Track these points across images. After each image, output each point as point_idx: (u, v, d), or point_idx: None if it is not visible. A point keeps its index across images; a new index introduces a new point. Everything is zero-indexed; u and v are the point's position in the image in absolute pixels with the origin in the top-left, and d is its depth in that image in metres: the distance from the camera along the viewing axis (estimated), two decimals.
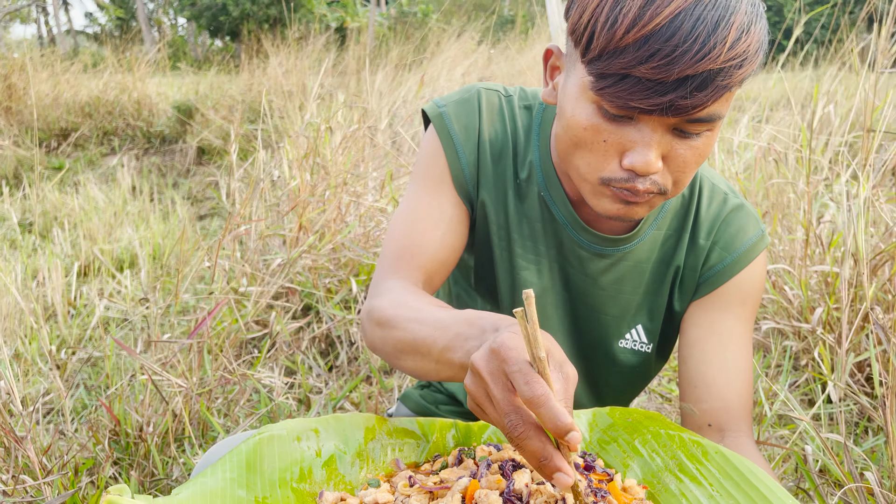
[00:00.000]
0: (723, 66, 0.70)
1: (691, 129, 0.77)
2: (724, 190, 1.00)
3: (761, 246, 0.98)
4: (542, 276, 1.01)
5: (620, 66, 0.71)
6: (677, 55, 0.68)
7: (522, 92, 1.02)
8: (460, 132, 0.97)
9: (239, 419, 1.76)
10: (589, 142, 0.80)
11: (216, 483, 0.76)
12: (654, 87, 0.71)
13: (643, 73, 0.70)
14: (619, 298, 1.01)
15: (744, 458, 0.80)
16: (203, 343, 1.64)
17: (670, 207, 0.99)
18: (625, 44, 0.70)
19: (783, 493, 0.75)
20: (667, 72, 0.69)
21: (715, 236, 0.98)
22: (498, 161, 0.99)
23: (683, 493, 0.80)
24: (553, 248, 1.00)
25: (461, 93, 1.01)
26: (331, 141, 2.63)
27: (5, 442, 1.37)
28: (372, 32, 10.16)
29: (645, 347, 1.03)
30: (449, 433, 0.92)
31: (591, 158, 0.81)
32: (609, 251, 0.98)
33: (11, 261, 3.10)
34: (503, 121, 0.99)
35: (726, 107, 0.78)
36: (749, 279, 0.98)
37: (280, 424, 0.85)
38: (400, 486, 0.81)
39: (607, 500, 0.76)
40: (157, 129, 6.48)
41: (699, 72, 0.69)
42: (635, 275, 1.00)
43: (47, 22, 27.38)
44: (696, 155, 0.80)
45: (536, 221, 0.99)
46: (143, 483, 1.55)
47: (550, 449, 0.61)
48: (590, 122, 0.78)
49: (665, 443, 0.86)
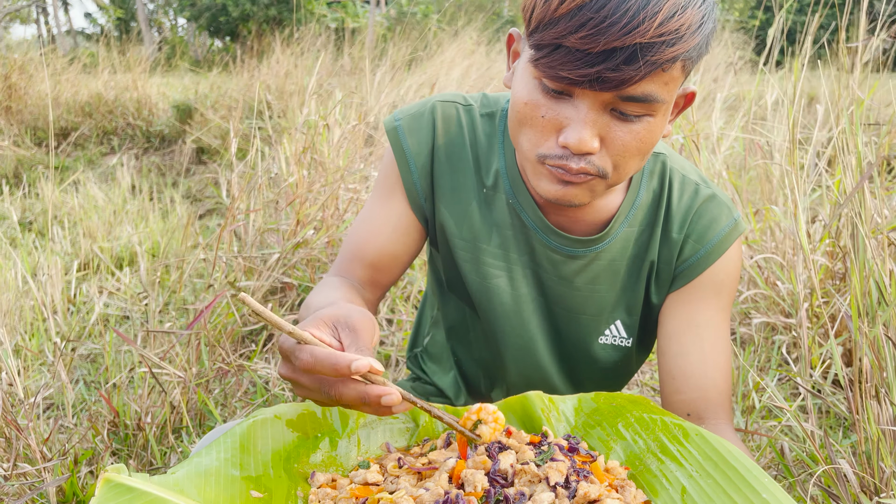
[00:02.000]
0: (652, 41, 0.70)
1: (628, 110, 0.77)
2: (695, 180, 0.99)
3: (734, 235, 0.98)
4: (515, 283, 1.01)
5: (553, 37, 0.72)
6: (605, 26, 0.69)
7: (484, 99, 1.02)
8: (413, 146, 0.99)
9: (236, 410, 1.79)
10: (528, 117, 0.80)
11: (210, 463, 0.78)
12: (582, 58, 0.71)
13: (573, 42, 0.71)
14: (596, 297, 1.01)
15: (723, 440, 0.83)
16: (201, 335, 1.67)
17: (641, 203, 0.99)
18: (559, 14, 0.71)
19: (760, 473, 0.77)
20: (594, 42, 0.69)
21: (688, 229, 0.98)
22: (457, 173, 0.99)
23: (664, 474, 0.82)
24: (525, 255, 1.00)
25: (418, 106, 1.02)
26: (329, 138, 2.65)
27: (6, 432, 1.40)
28: (372, 32, 10.19)
29: (625, 342, 1.04)
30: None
31: (531, 134, 0.82)
32: (582, 252, 0.98)
33: (12, 258, 3.12)
34: (461, 132, 0.99)
35: (666, 90, 0.76)
36: (723, 269, 0.98)
37: (273, 408, 0.87)
38: (389, 467, 0.84)
39: (590, 480, 0.78)
40: (156, 128, 6.50)
41: (627, 44, 0.69)
42: (610, 273, 1.00)
43: (47, 22, 27.42)
44: (637, 140, 0.79)
45: (507, 229, 0.99)
46: (141, 472, 1.58)
47: (362, 387, 0.68)
48: (530, 98, 0.79)
49: (648, 426, 0.88)
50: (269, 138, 3.80)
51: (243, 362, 1.84)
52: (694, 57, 0.76)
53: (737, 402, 1.77)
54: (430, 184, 1.00)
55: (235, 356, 1.92)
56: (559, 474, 0.77)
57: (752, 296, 2.30)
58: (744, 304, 2.33)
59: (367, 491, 0.79)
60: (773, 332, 2.12)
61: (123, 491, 0.70)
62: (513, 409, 0.93)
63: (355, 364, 0.64)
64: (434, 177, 1.00)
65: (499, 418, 0.81)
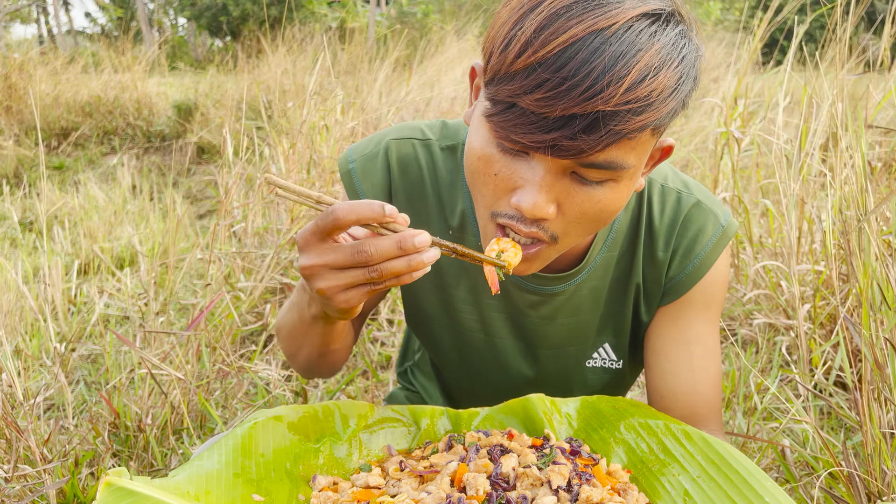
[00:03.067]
0: (617, 109, 0.61)
1: (590, 176, 0.69)
2: (676, 189, 0.92)
3: (723, 244, 0.91)
4: (490, 329, 0.95)
5: (507, 94, 0.64)
6: (564, 89, 0.60)
7: (444, 129, 0.94)
8: (368, 191, 0.92)
9: (237, 411, 1.78)
10: (481, 173, 0.73)
11: (212, 465, 0.78)
12: (537, 122, 0.63)
13: (528, 104, 0.63)
14: (580, 327, 0.96)
15: (726, 443, 0.83)
16: (200, 336, 1.66)
17: (619, 227, 0.92)
18: (514, 69, 0.63)
19: (762, 476, 0.77)
20: (551, 106, 0.61)
21: (674, 245, 0.91)
22: (420, 215, 0.92)
23: (667, 477, 0.82)
24: (499, 299, 0.93)
25: (373, 145, 0.94)
26: (328, 138, 2.65)
27: (7, 433, 1.39)
28: (372, 32, 10.18)
29: (615, 364, 0.99)
30: (439, 420, 0.94)
31: (483, 190, 0.74)
32: (561, 288, 0.92)
33: (12, 259, 3.12)
34: (420, 172, 0.92)
35: (634, 155, 0.68)
36: (712, 281, 0.92)
37: (274, 410, 0.87)
38: (391, 470, 0.84)
39: (592, 484, 0.78)
40: (156, 128, 6.50)
41: (587, 111, 0.61)
42: (591, 300, 0.94)
43: (48, 22, 27.41)
44: (597, 207, 0.71)
45: (478, 274, 0.92)
46: (141, 473, 1.57)
47: (396, 236, 0.64)
48: (483, 152, 0.72)
49: (650, 429, 0.88)
50: (268, 138, 3.80)
51: (244, 363, 1.83)
52: (667, 122, 0.68)
53: (738, 404, 1.77)
54: None
55: (235, 356, 1.92)
56: (561, 478, 0.77)
57: (754, 297, 2.30)
58: (746, 304, 2.33)
59: (369, 494, 0.79)
60: (776, 333, 2.12)
61: (125, 494, 0.69)
62: (514, 412, 0.93)
63: (388, 207, 0.62)
64: None
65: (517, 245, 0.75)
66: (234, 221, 2.50)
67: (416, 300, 0.99)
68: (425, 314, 0.98)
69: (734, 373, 1.93)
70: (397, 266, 0.64)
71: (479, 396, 1.05)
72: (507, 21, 0.66)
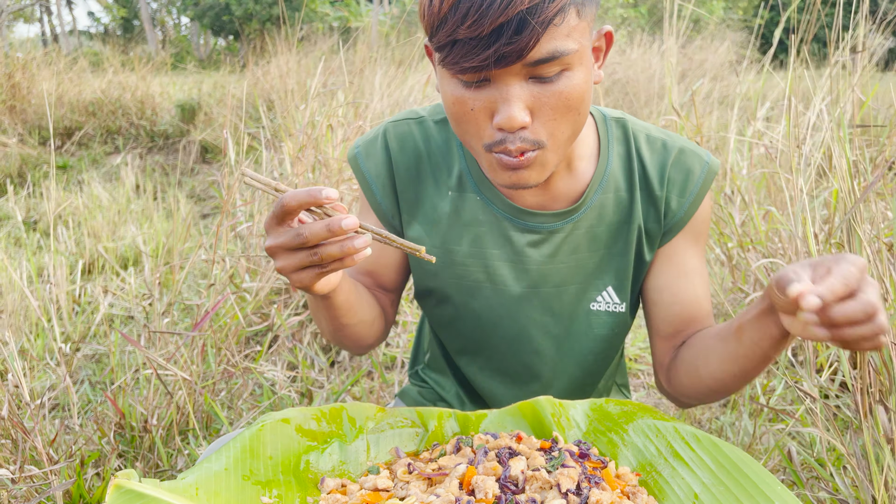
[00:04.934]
0: (532, 4, 0.73)
1: (543, 72, 0.79)
2: (659, 137, 1.02)
3: (710, 179, 1.01)
4: (494, 277, 1.02)
5: (447, 35, 0.76)
6: (484, 7, 0.72)
7: (436, 107, 1.06)
8: (371, 169, 1.04)
9: (242, 412, 1.78)
10: (461, 113, 0.83)
11: (220, 468, 0.78)
12: (477, 44, 0.75)
13: (464, 34, 0.74)
14: (579, 266, 1.03)
15: (735, 447, 0.82)
16: (206, 336, 1.66)
17: (612, 169, 1.01)
18: (443, 14, 0.75)
19: (772, 480, 0.77)
20: (481, 26, 0.73)
21: (668, 183, 1.01)
22: (420, 184, 1.03)
23: (676, 480, 0.82)
24: (502, 247, 1.01)
25: (373, 132, 1.06)
26: (332, 138, 2.65)
27: (13, 434, 1.40)
28: (375, 32, 10.18)
29: (618, 307, 1.06)
30: (447, 422, 0.94)
31: (469, 128, 0.84)
32: (560, 225, 1.00)
33: (17, 258, 3.13)
34: (416, 145, 1.03)
35: (571, 40, 0.79)
36: (702, 215, 1.03)
37: (282, 412, 0.87)
38: (399, 472, 0.83)
39: (601, 487, 0.78)
40: (160, 128, 6.50)
41: (511, 17, 0.73)
42: (589, 240, 1.02)
43: (51, 21, 27.45)
44: (562, 99, 0.81)
45: (479, 226, 1.01)
46: (147, 474, 1.57)
47: (325, 220, 0.74)
48: (454, 96, 0.82)
49: (658, 432, 0.88)
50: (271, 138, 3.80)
51: (249, 364, 1.83)
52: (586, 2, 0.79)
53: (744, 405, 1.77)
54: (395, 201, 1.04)
55: (240, 357, 1.92)
56: (570, 481, 0.76)
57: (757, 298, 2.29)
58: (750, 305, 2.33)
59: (378, 497, 0.79)
60: None
61: (134, 497, 0.69)
62: (523, 414, 0.93)
63: (325, 192, 0.72)
64: (398, 193, 1.03)
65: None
66: (237, 222, 2.50)
67: (421, 267, 1.06)
68: (432, 278, 1.05)
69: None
70: (332, 250, 0.75)
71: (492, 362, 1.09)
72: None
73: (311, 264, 0.76)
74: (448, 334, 1.12)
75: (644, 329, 2.67)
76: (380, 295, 1.09)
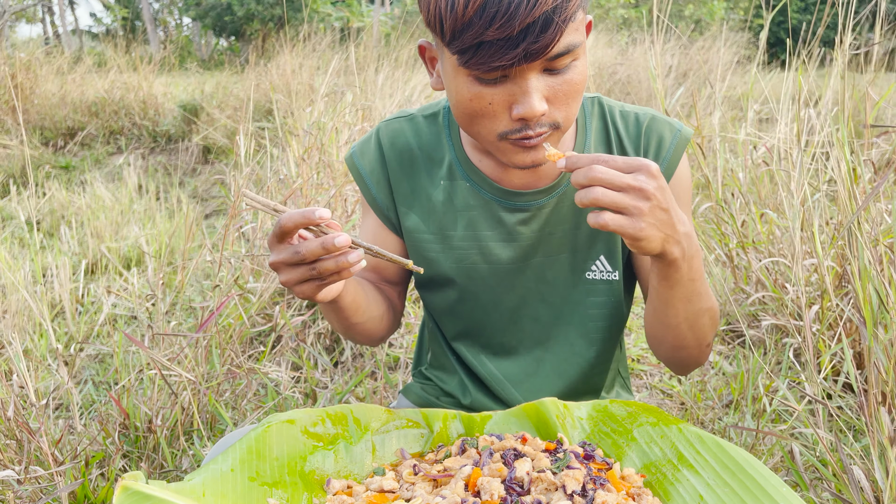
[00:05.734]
0: (556, 4, 0.78)
1: (558, 65, 0.85)
2: (632, 111, 1.08)
3: (683, 144, 1.06)
4: (489, 257, 1.07)
5: (472, 38, 0.79)
6: (512, 10, 0.77)
7: (425, 106, 1.12)
8: (366, 165, 1.10)
9: (246, 413, 1.79)
10: (478, 109, 0.87)
11: (226, 469, 0.78)
12: (505, 44, 0.79)
13: (492, 35, 0.78)
14: (569, 235, 1.07)
15: (739, 448, 0.83)
16: (210, 337, 1.67)
17: (591, 143, 1.06)
18: (468, 17, 0.79)
19: (777, 482, 0.77)
20: (510, 27, 0.77)
21: (643, 152, 1.06)
22: (413, 176, 1.09)
23: (681, 482, 0.82)
24: (494, 228, 1.07)
25: (367, 134, 1.13)
26: (337, 139, 2.65)
27: (18, 435, 1.40)
28: (376, 32, 10.18)
29: (612, 276, 1.10)
30: (452, 424, 0.94)
31: (485, 122, 0.89)
32: (545, 200, 1.05)
33: (20, 259, 3.13)
34: (407, 141, 1.09)
35: (578, 34, 0.85)
36: (679, 178, 1.07)
37: (287, 413, 0.87)
38: (405, 474, 0.84)
39: (606, 489, 0.78)
40: (162, 128, 6.51)
41: (537, 16, 0.77)
42: (576, 212, 1.07)
43: (53, 22, 27.49)
44: (574, 84, 0.88)
45: (471, 210, 1.06)
46: (152, 474, 1.58)
47: (320, 238, 0.80)
48: (471, 93, 0.86)
49: (663, 433, 0.88)
50: (276, 139, 3.81)
51: (253, 365, 1.84)
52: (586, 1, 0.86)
53: (747, 406, 1.77)
54: (390, 194, 1.09)
55: (244, 357, 1.93)
56: (576, 482, 0.77)
57: (760, 298, 2.29)
58: (752, 306, 2.33)
59: (384, 498, 0.79)
60: (784, 335, 2.11)
61: (141, 499, 0.70)
62: (528, 416, 0.93)
63: (318, 212, 0.78)
64: (392, 187, 1.09)
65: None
66: (244, 223, 2.50)
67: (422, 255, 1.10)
68: (432, 264, 1.10)
69: (742, 374, 1.93)
70: (329, 265, 0.81)
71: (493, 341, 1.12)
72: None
73: (310, 278, 0.82)
74: (448, 320, 1.15)
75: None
76: (386, 288, 1.15)
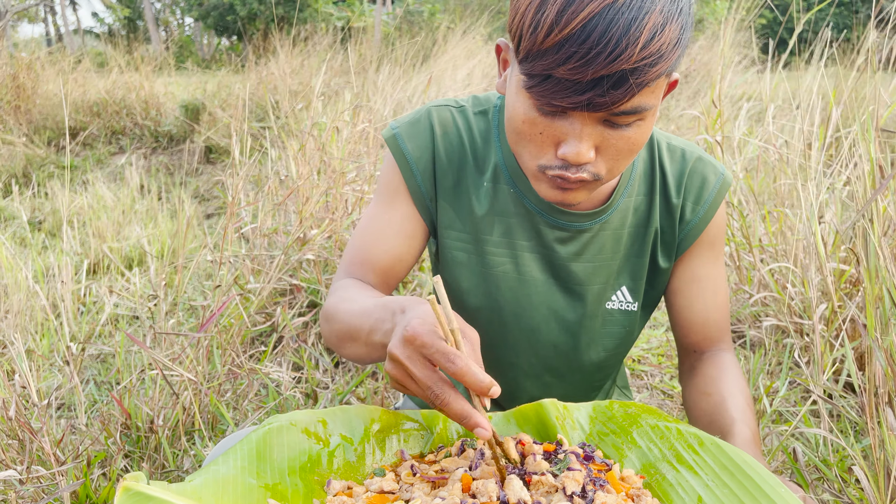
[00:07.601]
0: (636, 66, 0.73)
1: (620, 121, 0.81)
2: (679, 146, 1.07)
3: (724, 190, 1.06)
4: (522, 269, 1.06)
5: (543, 68, 0.76)
6: (591, 57, 0.72)
7: (475, 99, 1.08)
8: (413, 150, 1.04)
9: (247, 413, 1.79)
10: (527, 134, 0.85)
11: (227, 470, 0.78)
12: (572, 87, 0.75)
13: (562, 74, 0.75)
14: (603, 267, 1.07)
15: (738, 449, 0.83)
16: (211, 337, 1.67)
17: (637, 174, 1.05)
18: (545, 47, 0.75)
19: (776, 483, 0.77)
20: (583, 73, 0.73)
21: (685, 192, 1.05)
22: (458, 171, 1.05)
23: (680, 483, 0.82)
24: (531, 240, 1.05)
25: (414, 114, 1.08)
26: (337, 139, 2.65)
27: (20, 434, 1.41)
28: (378, 32, 10.18)
29: (631, 306, 1.10)
30: (452, 424, 0.94)
31: (531, 148, 0.87)
32: (588, 225, 1.04)
33: (22, 258, 3.14)
34: (458, 133, 1.05)
35: (653, 97, 0.81)
36: (717, 224, 1.07)
37: (288, 415, 0.87)
38: (403, 475, 0.84)
39: (605, 489, 0.78)
40: (164, 128, 6.52)
41: (613, 72, 0.73)
42: (613, 241, 1.06)
43: (55, 21, 27.52)
44: (629, 144, 0.84)
45: (510, 217, 1.04)
46: (153, 475, 1.58)
47: (468, 408, 0.73)
48: (527, 116, 0.84)
49: (662, 434, 0.88)
50: (276, 139, 3.81)
51: (254, 365, 1.84)
52: (676, 66, 0.81)
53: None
54: (433, 185, 1.05)
55: (245, 357, 1.93)
56: (576, 484, 0.77)
57: (762, 299, 2.29)
58: (753, 306, 2.33)
59: (384, 499, 0.79)
60: (784, 336, 2.11)
61: (143, 500, 0.70)
62: (527, 418, 0.93)
63: (493, 389, 0.71)
64: (436, 178, 1.04)
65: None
66: (242, 223, 2.51)
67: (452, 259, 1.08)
68: (458, 264, 1.08)
69: (743, 373, 1.93)
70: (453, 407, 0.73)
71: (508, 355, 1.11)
72: (529, 6, 0.76)
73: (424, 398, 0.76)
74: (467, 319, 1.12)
75: (647, 330, 2.68)
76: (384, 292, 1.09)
